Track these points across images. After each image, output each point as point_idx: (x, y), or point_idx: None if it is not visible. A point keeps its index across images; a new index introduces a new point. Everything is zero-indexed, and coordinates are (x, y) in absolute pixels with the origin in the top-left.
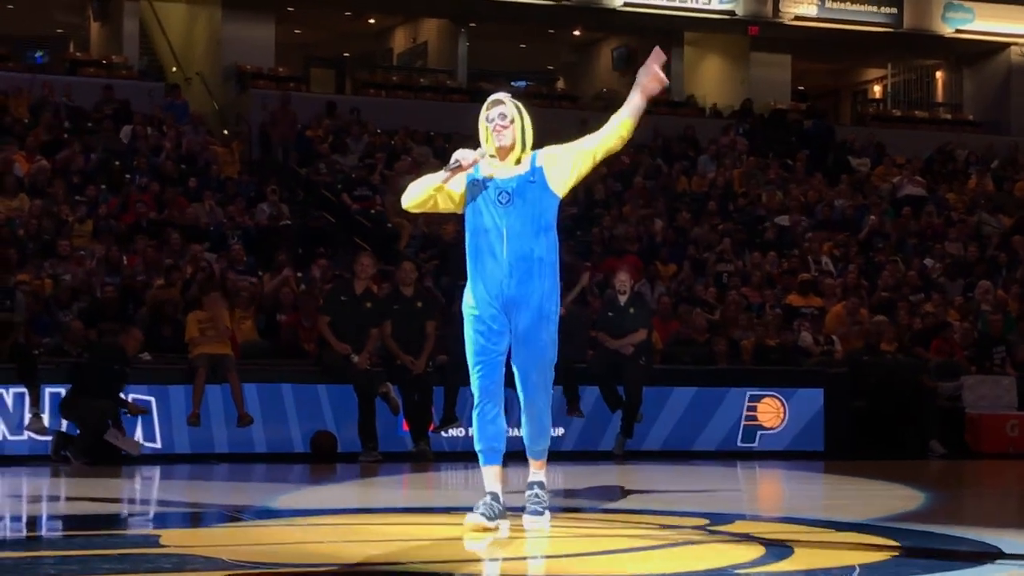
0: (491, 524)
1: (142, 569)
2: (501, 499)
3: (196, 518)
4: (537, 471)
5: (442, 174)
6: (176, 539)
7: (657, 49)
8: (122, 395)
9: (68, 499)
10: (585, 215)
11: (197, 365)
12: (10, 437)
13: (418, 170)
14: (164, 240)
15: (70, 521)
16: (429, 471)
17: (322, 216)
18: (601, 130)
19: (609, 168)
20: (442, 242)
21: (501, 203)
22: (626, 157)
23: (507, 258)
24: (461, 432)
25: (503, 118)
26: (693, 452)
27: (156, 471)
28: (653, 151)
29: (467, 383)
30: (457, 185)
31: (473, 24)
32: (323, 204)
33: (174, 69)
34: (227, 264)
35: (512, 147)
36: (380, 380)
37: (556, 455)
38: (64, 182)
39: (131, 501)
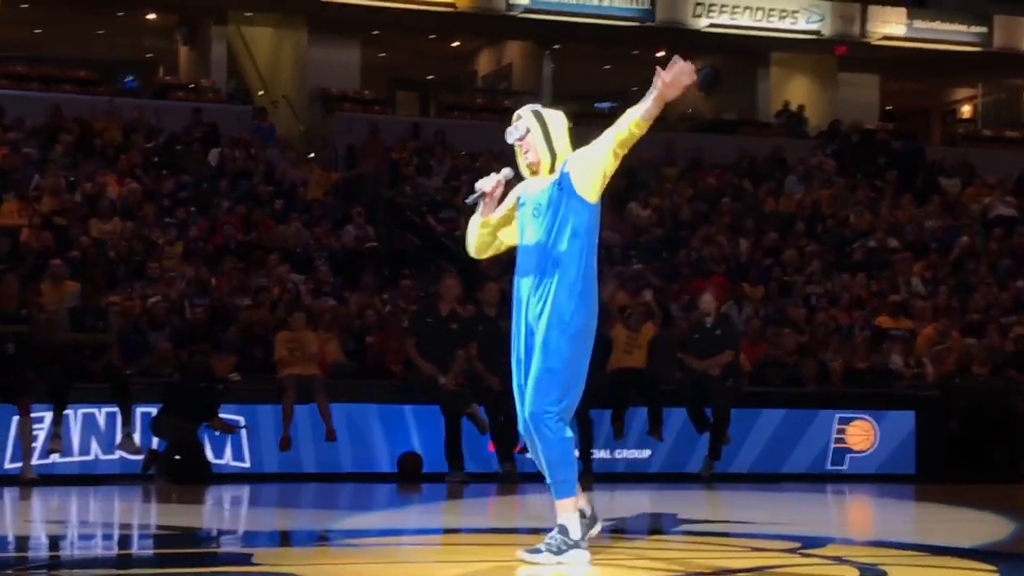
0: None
1: None
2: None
3: (286, 537)
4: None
5: (478, 210)
6: (268, 558)
7: (677, 57)
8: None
9: (158, 517)
10: (671, 236)
11: (286, 386)
12: (103, 456)
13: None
14: (252, 262)
15: (162, 539)
16: (515, 492)
17: (407, 238)
18: (616, 123)
19: (695, 189)
20: None
21: (535, 217)
22: (712, 178)
23: None
24: None
25: (516, 131)
26: (782, 475)
27: (245, 490)
28: (740, 171)
29: None
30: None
31: (557, 46)
32: (408, 226)
33: (261, 92)
34: (313, 286)
35: (539, 161)
36: (466, 401)
37: (642, 477)
38: (154, 205)
39: (221, 520)
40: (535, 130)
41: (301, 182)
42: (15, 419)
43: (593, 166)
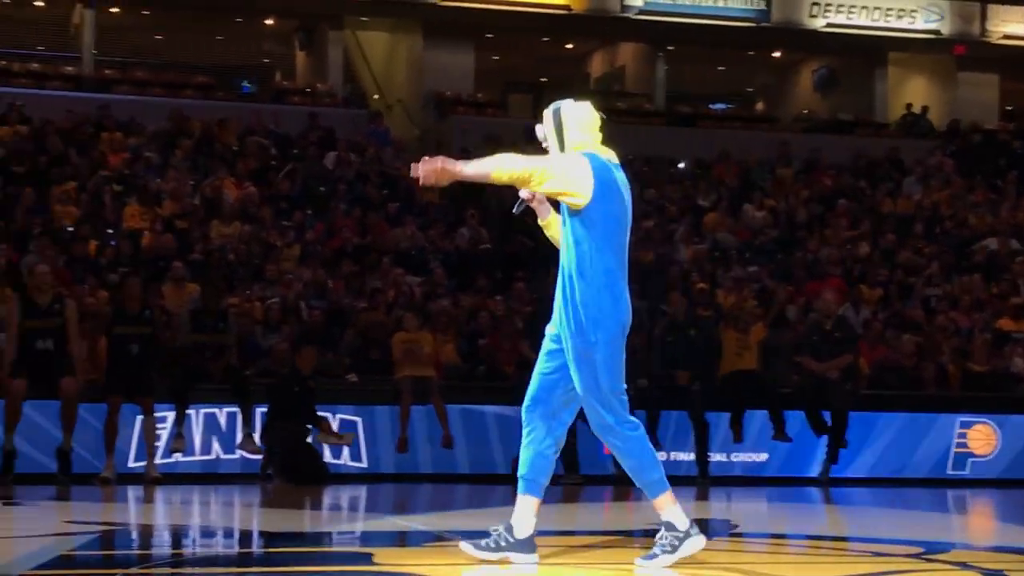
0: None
1: None
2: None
3: (405, 538)
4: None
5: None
6: (389, 558)
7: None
8: (320, 415)
9: (278, 517)
10: (787, 238)
11: (402, 388)
12: (223, 456)
13: None
14: (367, 264)
15: (282, 539)
16: (631, 496)
17: (520, 240)
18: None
19: (811, 190)
20: (641, 266)
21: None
22: (828, 179)
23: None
24: (663, 456)
25: (539, 135)
26: (901, 479)
27: (362, 490)
28: (856, 172)
29: (668, 406)
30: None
31: (671, 47)
32: (522, 228)
33: (376, 96)
34: (428, 288)
35: None
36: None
37: (759, 480)
38: (272, 208)
39: (340, 520)
40: (551, 135)
41: (415, 185)
42: (139, 419)
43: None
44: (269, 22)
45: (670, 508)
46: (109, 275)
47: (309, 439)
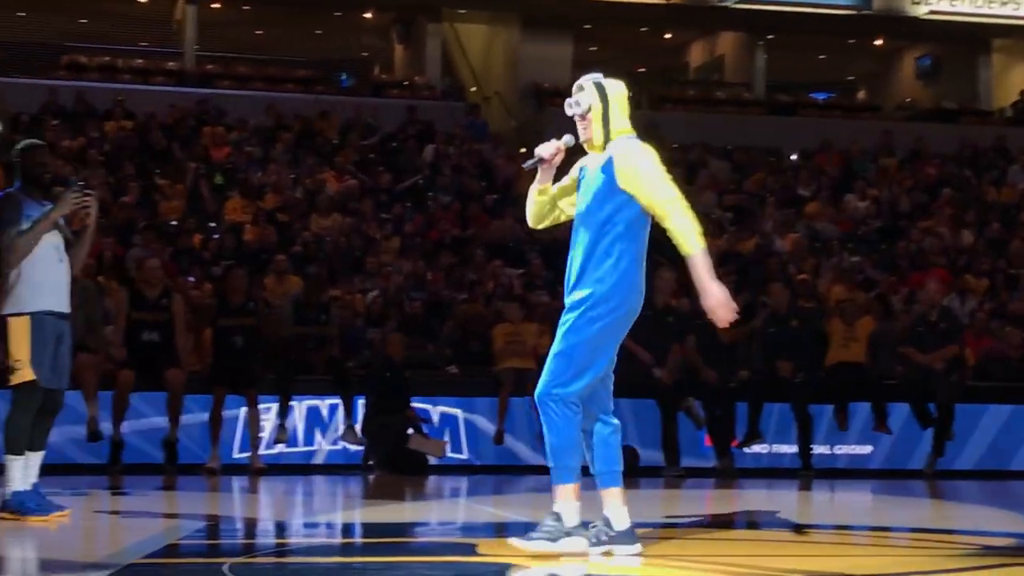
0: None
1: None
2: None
3: (507, 529)
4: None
5: (537, 177)
6: (492, 548)
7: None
8: (418, 412)
9: (380, 507)
10: (890, 227)
11: (503, 380)
12: (326, 447)
13: (718, 185)
14: (466, 256)
15: (384, 529)
16: (733, 487)
17: None
18: (676, 220)
19: (915, 179)
20: (740, 258)
21: (585, 193)
22: (932, 168)
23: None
24: (765, 448)
25: (578, 106)
26: (1009, 472)
27: (463, 482)
28: (961, 161)
29: (770, 398)
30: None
31: (771, 36)
32: None
33: (474, 89)
34: (527, 279)
35: (591, 139)
36: (683, 395)
37: (864, 473)
38: (371, 200)
39: (441, 511)
40: (596, 108)
41: (514, 177)
42: (243, 410)
43: (639, 184)
44: (368, 16)
45: (569, 502)
46: (212, 268)
47: (410, 430)
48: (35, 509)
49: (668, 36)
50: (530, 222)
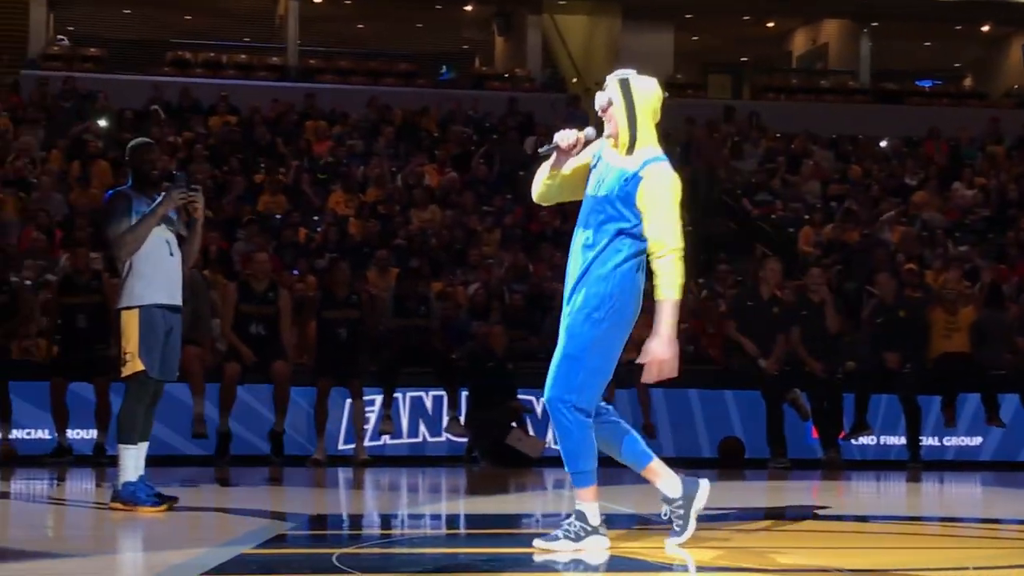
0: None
1: (572, 569)
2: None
3: (612, 520)
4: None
5: (549, 160)
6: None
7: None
8: (522, 404)
9: (486, 498)
10: (998, 217)
11: None
12: (430, 438)
13: (822, 175)
14: (568, 248)
15: (488, 520)
16: (839, 479)
17: (722, 222)
18: (667, 265)
19: None
20: (846, 247)
21: (598, 186)
22: None
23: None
24: (872, 440)
25: (599, 100)
26: None
27: (567, 474)
28: None
29: (877, 389)
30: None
31: (875, 23)
32: (723, 210)
33: (575, 80)
34: None
35: (617, 136)
36: (788, 386)
37: (973, 465)
38: (472, 193)
39: (546, 502)
40: (618, 103)
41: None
42: (348, 402)
43: (653, 215)
44: (468, 8)
45: (589, 503)
46: (316, 261)
47: (513, 424)
48: (144, 499)
49: (770, 25)
50: (535, 198)
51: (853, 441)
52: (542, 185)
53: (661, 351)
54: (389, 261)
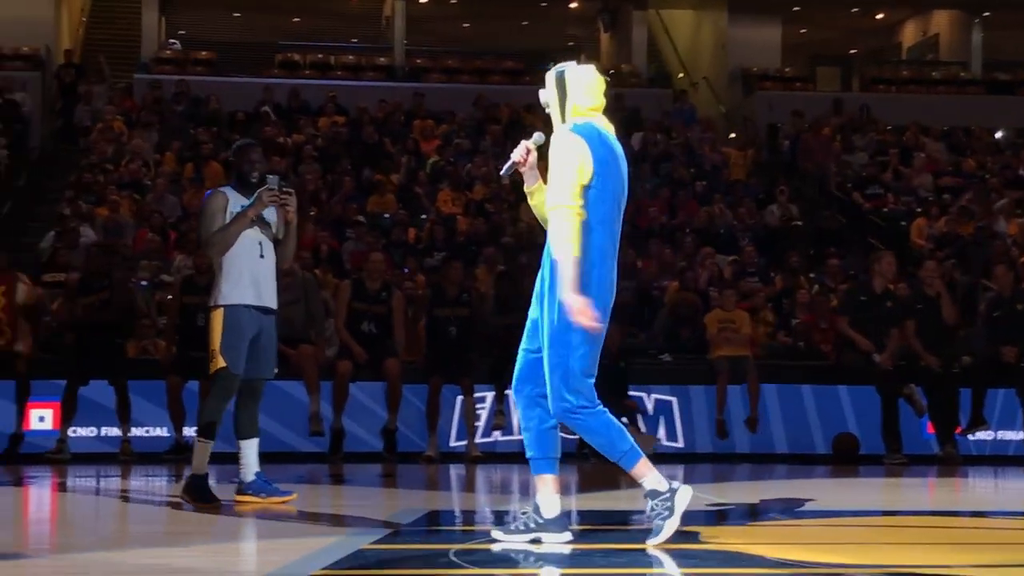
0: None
1: (689, 564)
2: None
3: (726, 516)
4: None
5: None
6: (715, 535)
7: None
8: (632, 401)
9: (598, 494)
10: None
11: (718, 369)
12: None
13: (935, 167)
14: (677, 243)
15: (603, 516)
16: (956, 475)
17: (832, 216)
18: (554, 224)
19: None
20: (960, 240)
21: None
22: None
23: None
24: (990, 435)
25: (543, 99)
26: None
27: (679, 470)
28: None
29: (993, 384)
30: None
31: (987, 13)
32: (834, 204)
33: (680, 75)
34: (739, 266)
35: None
36: (904, 381)
37: None
38: None
39: None
40: (552, 99)
41: (723, 163)
42: (459, 399)
43: (548, 176)
44: (573, 5)
45: (649, 475)
46: (425, 259)
47: (625, 421)
48: (271, 490)
49: (880, 16)
50: (541, 221)
51: (970, 436)
52: (533, 208)
53: (572, 314)
54: (498, 259)
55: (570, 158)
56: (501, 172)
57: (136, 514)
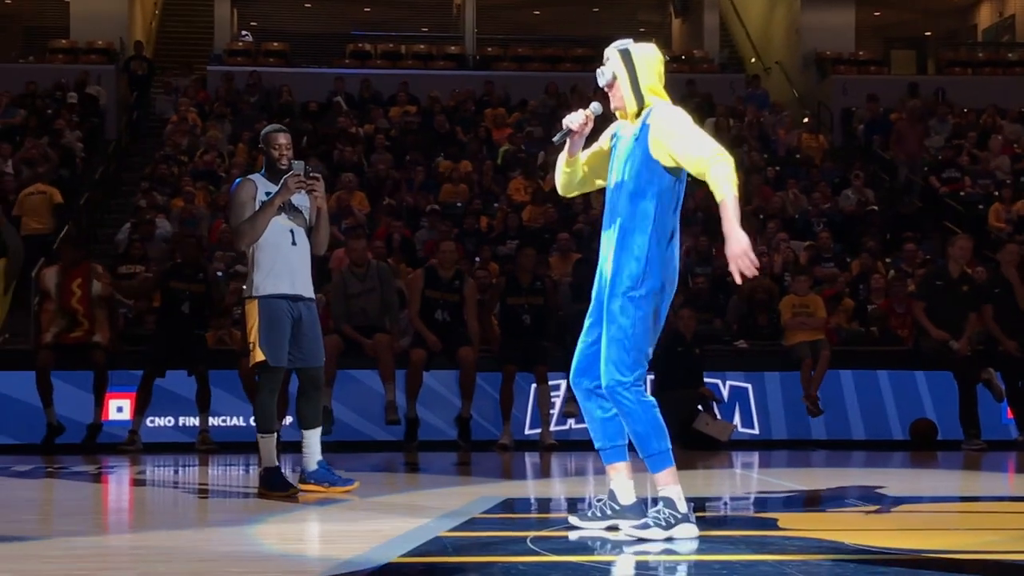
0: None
1: (769, 551)
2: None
3: (805, 502)
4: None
5: (565, 148)
6: (794, 522)
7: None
8: (708, 388)
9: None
10: None
11: (800, 355)
12: None
13: (1012, 150)
14: (750, 229)
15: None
16: None
17: (909, 200)
18: (714, 170)
19: None
20: None
21: (616, 163)
22: None
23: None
24: None
25: (603, 77)
26: None
27: (755, 457)
28: None
29: None
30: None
31: None
32: (910, 188)
33: (753, 60)
34: (814, 252)
35: (624, 108)
36: (982, 366)
37: None
38: None
39: (734, 485)
40: (622, 76)
41: (796, 148)
42: (533, 387)
43: (673, 147)
44: None
45: (673, 486)
46: (498, 247)
47: (700, 408)
48: (326, 483)
49: None
50: (559, 190)
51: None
52: (562, 175)
53: (736, 249)
54: (571, 246)
55: (690, 121)
56: (554, 139)
57: (214, 504)
